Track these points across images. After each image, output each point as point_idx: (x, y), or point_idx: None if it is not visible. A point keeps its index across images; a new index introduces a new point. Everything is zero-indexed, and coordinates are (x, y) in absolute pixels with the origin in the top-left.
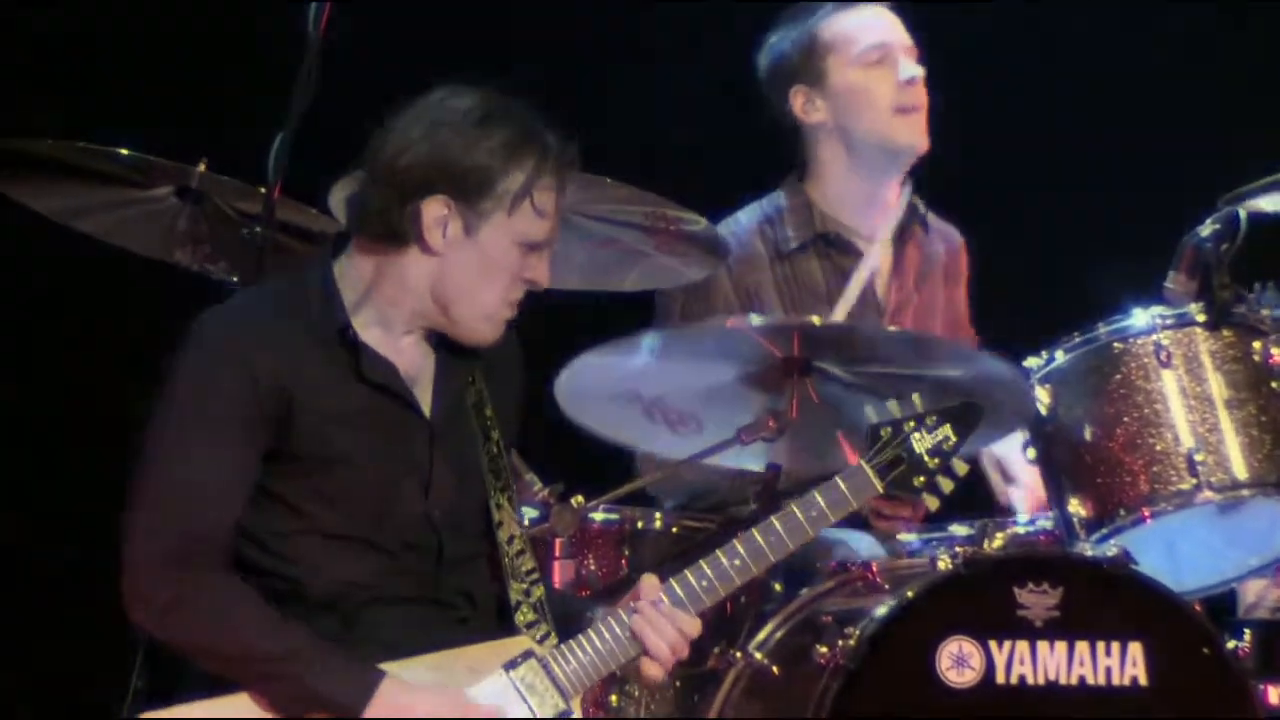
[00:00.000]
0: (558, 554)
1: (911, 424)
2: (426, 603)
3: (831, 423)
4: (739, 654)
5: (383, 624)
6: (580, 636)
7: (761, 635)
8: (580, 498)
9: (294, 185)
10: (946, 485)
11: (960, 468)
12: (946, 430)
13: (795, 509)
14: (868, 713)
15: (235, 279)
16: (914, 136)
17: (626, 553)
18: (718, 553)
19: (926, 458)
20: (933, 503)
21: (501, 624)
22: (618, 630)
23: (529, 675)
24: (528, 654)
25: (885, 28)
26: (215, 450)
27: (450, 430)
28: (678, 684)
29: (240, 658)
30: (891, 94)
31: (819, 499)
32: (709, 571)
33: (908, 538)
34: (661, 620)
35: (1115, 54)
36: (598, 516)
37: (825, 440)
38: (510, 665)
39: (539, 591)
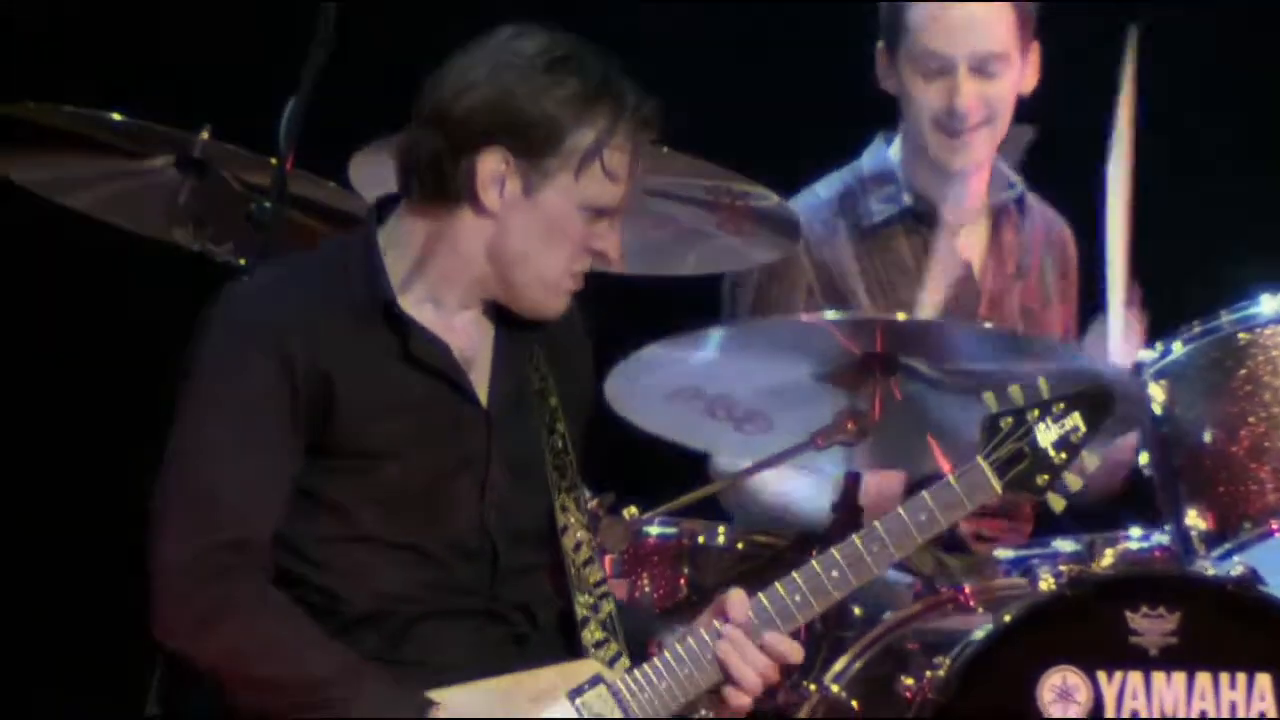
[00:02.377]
0: (608, 572)
1: (1035, 413)
2: (480, 618)
3: (918, 424)
4: (813, 687)
5: (431, 642)
6: (656, 660)
7: (838, 665)
8: (634, 509)
9: (309, 156)
10: (1074, 483)
11: (1090, 462)
12: (1075, 419)
13: (902, 512)
14: None
15: (242, 261)
16: (953, 158)
17: (686, 571)
18: (813, 563)
19: (1052, 451)
20: (1058, 504)
21: (566, 643)
22: (698, 652)
23: (597, 704)
24: (596, 679)
25: (955, 37)
26: (249, 445)
27: (510, 420)
28: None
29: (274, 684)
30: (938, 112)
31: (929, 501)
32: (802, 585)
33: (1005, 554)
34: (748, 643)
35: (1239, 32)
36: (653, 530)
37: (911, 444)
38: (576, 692)
39: (609, 606)
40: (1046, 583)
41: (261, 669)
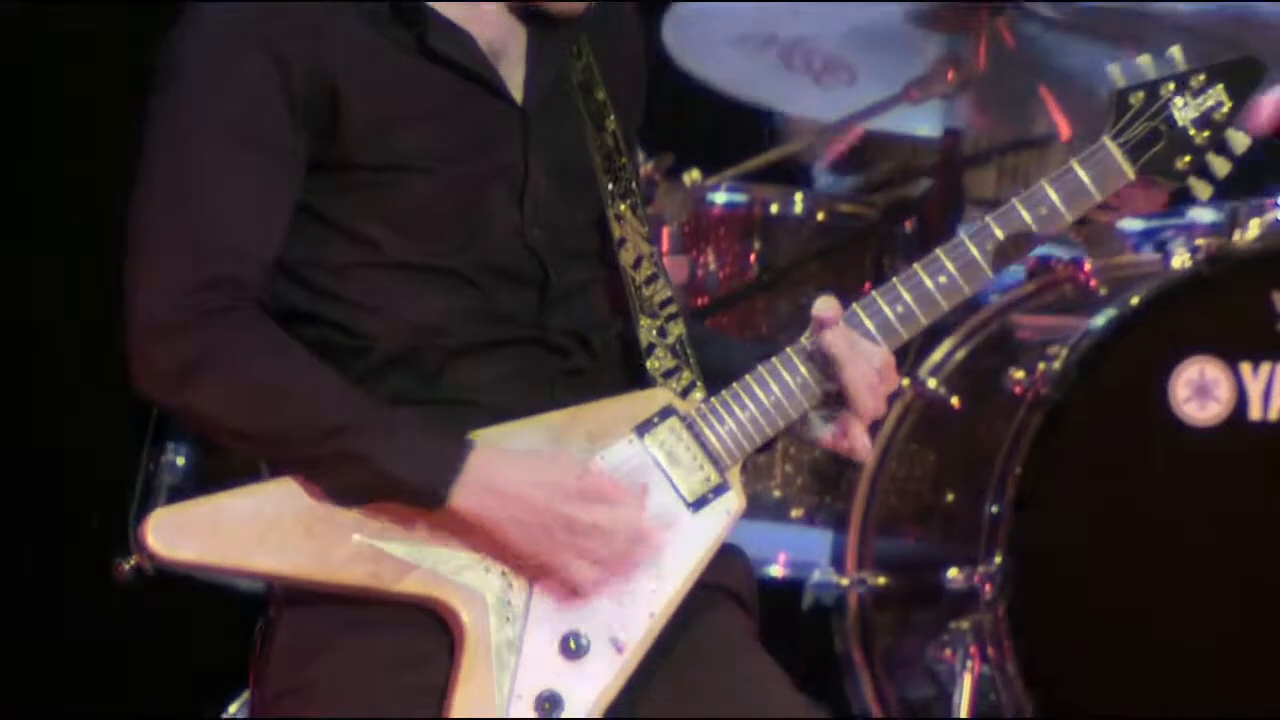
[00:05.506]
0: (666, 248)
1: (1171, 86)
2: (527, 348)
3: (1030, 75)
4: (906, 381)
5: (471, 379)
6: (736, 386)
7: (936, 356)
8: (696, 173)
9: None
10: (1221, 167)
11: (1239, 142)
12: (1218, 93)
13: (1019, 206)
14: (1077, 457)
15: None
16: None
17: (756, 246)
18: (915, 268)
19: (1192, 130)
20: (1204, 190)
21: (628, 374)
22: (786, 376)
23: (669, 440)
24: (667, 411)
25: None
26: (236, 163)
27: (550, 120)
28: None
29: (280, 436)
30: None
31: (1050, 192)
32: (905, 293)
33: (1132, 225)
34: (860, 345)
35: None
36: (719, 198)
37: (1022, 98)
38: (644, 428)
39: (678, 329)
40: (1181, 259)
41: (262, 420)
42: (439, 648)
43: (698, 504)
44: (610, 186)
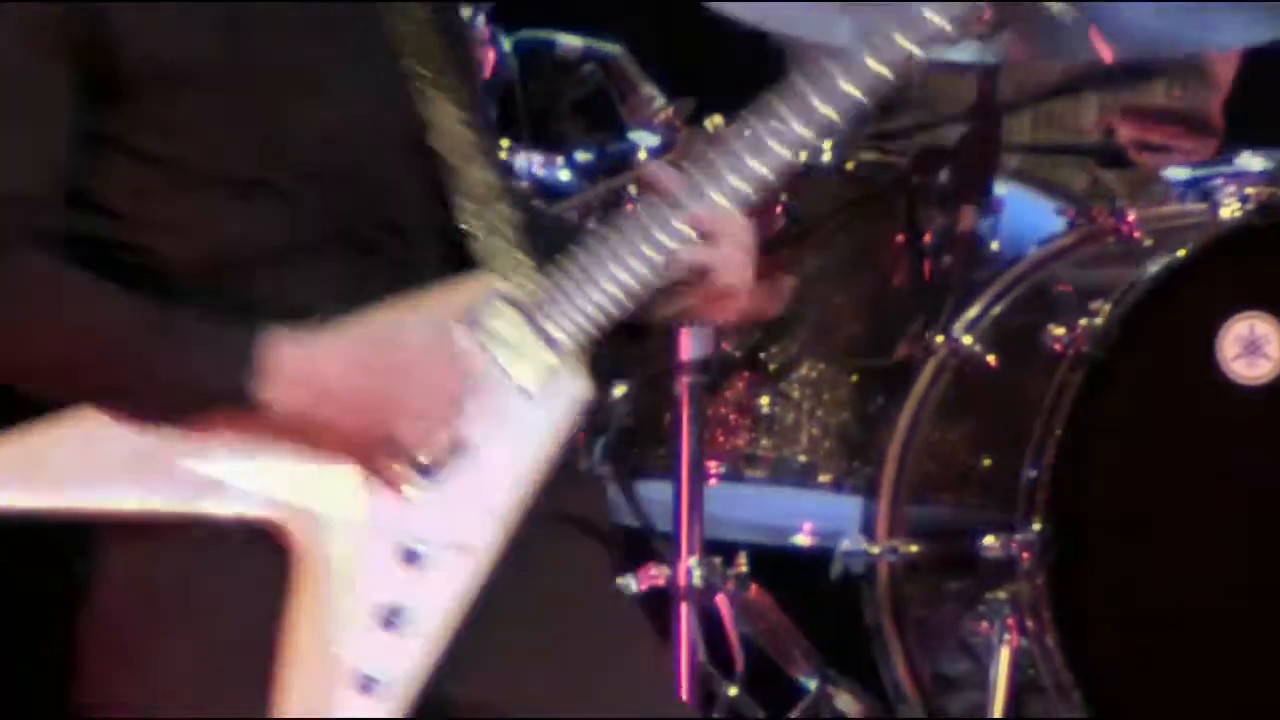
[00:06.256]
0: None
1: None
2: (340, 248)
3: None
4: (940, 339)
5: (282, 288)
6: (567, 264)
7: (971, 312)
8: (718, 118)
9: None
10: None
11: None
12: None
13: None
14: (1120, 418)
15: None
16: None
17: (783, 196)
18: (750, 118)
19: None
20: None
21: (454, 262)
22: (619, 245)
23: (500, 327)
24: (495, 296)
25: None
26: (9, 95)
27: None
28: (855, 380)
29: (67, 364)
30: None
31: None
32: (752, 160)
33: (1178, 173)
34: (722, 228)
35: None
36: None
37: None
38: (471, 316)
39: (505, 213)
40: (1230, 209)
41: (42, 350)
42: (279, 569)
43: (535, 393)
44: (419, 69)
